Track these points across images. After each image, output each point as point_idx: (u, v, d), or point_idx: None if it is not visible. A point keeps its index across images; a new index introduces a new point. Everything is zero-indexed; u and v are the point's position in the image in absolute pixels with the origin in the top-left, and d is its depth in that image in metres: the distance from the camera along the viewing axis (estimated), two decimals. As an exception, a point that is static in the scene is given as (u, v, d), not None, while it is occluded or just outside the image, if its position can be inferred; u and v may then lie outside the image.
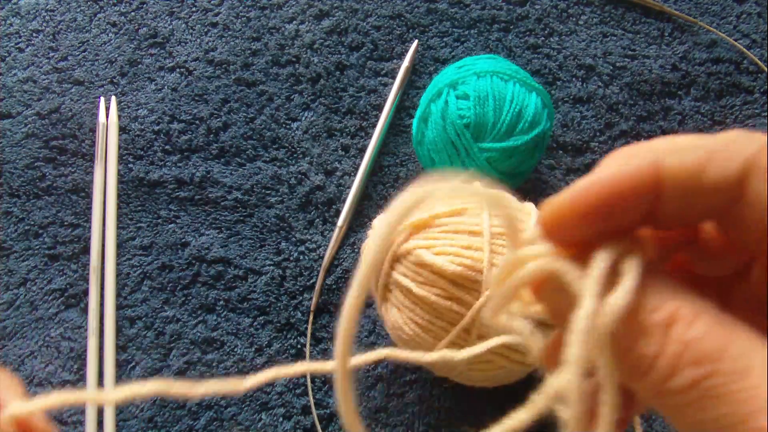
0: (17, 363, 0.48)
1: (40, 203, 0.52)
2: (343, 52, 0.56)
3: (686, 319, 0.16)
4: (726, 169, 0.17)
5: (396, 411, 0.46)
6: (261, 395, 0.47)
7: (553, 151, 0.52)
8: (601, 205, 0.17)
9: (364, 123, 0.53)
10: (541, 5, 0.56)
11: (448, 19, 0.56)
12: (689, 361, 0.15)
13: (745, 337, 0.16)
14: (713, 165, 0.17)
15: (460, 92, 0.44)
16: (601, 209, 0.17)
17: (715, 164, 0.17)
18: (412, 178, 0.51)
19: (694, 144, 0.17)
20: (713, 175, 0.17)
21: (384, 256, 0.19)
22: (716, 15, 0.56)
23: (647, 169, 0.17)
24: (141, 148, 0.53)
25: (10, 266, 0.51)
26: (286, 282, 0.49)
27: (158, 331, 0.48)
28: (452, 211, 0.38)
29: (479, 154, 0.43)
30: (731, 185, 0.17)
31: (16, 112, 0.55)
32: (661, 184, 0.17)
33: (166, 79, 0.55)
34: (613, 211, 0.17)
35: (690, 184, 0.17)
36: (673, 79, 0.54)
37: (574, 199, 0.18)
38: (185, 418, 0.46)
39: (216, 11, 0.57)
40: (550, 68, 0.54)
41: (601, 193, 0.17)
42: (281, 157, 0.53)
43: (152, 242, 0.51)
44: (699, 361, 0.15)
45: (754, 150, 0.17)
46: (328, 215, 0.51)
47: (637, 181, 0.17)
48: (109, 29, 0.57)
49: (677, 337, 0.16)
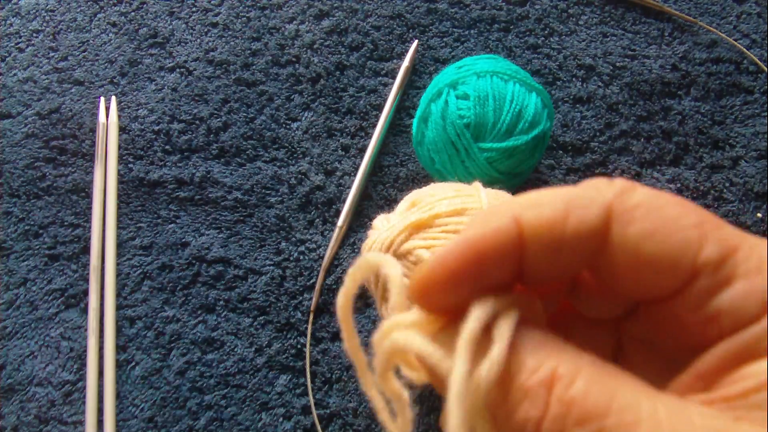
0: (17, 363, 0.48)
1: (40, 203, 0.52)
2: (343, 52, 0.56)
3: (566, 377, 0.15)
4: (585, 218, 0.16)
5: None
6: (261, 395, 0.47)
7: (553, 151, 0.52)
8: (463, 268, 0.17)
9: (364, 123, 0.53)
10: (541, 5, 0.56)
11: (448, 19, 0.56)
12: (574, 422, 0.15)
13: (630, 388, 0.15)
14: (573, 216, 0.16)
15: (460, 92, 0.44)
16: (465, 273, 0.17)
17: (574, 215, 0.16)
18: (412, 178, 0.52)
19: (553, 196, 0.17)
20: (573, 226, 0.16)
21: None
22: (716, 15, 0.56)
23: (507, 227, 0.17)
24: (141, 148, 0.53)
25: (10, 266, 0.51)
26: (286, 282, 0.49)
27: (158, 331, 0.48)
28: (452, 211, 0.37)
29: (479, 154, 0.43)
30: (593, 234, 0.16)
31: (16, 112, 0.55)
32: (524, 241, 0.17)
33: (166, 79, 0.55)
34: (477, 274, 0.17)
35: (552, 237, 0.16)
36: (673, 79, 0.54)
37: (437, 265, 0.17)
38: (185, 418, 0.46)
39: (216, 11, 0.57)
40: (550, 68, 0.54)
41: (463, 256, 0.17)
42: (281, 157, 0.53)
43: (152, 242, 0.51)
44: (584, 420, 0.15)
45: (612, 195, 0.16)
46: (328, 215, 0.51)
47: (498, 240, 0.17)
48: (109, 29, 0.57)
49: (559, 398, 0.15)
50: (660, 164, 0.52)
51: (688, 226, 0.16)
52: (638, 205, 0.16)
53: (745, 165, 0.51)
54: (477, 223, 0.17)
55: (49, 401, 0.47)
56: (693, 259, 0.16)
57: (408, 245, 0.37)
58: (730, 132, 0.52)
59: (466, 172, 0.44)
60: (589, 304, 0.20)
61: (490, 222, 0.17)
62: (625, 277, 0.17)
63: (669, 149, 0.52)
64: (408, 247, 0.37)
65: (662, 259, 0.16)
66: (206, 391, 0.47)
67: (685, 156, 0.52)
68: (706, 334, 0.16)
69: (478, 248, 0.17)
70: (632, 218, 0.16)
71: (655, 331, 0.19)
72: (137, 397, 0.47)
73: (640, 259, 0.16)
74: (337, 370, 0.47)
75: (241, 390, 0.47)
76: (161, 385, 0.47)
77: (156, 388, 0.47)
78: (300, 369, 0.47)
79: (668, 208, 0.16)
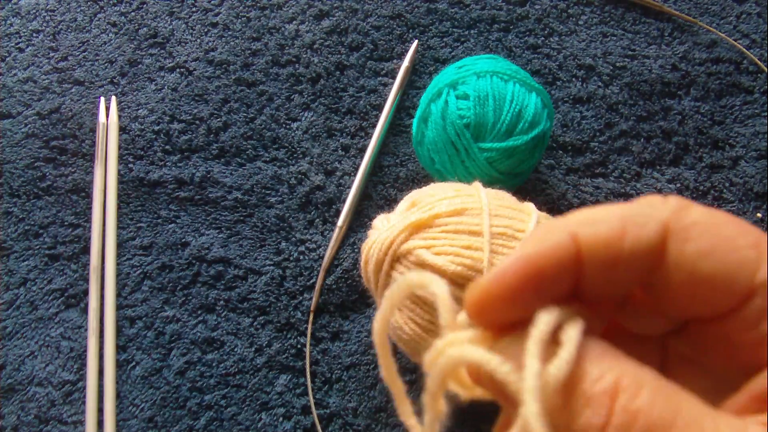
0: (17, 363, 0.48)
1: (40, 203, 0.52)
2: (343, 52, 0.56)
3: (631, 388, 0.16)
4: (642, 236, 0.16)
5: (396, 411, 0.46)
6: (261, 395, 0.47)
7: (553, 151, 0.52)
8: (522, 284, 0.17)
9: (364, 123, 0.53)
10: (541, 5, 0.56)
11: (448, 19, 0.56)
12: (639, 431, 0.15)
13: (693, 404, 0.15)
14: (630, 233, 0.16)
15: (460, 92, 0.44)
16: (523, 289, 0.17)
17: (631, 232, 0.16)
18: (412, 178, 0.52)
19: (609, 214, 0.17)
20: (630, 243, 0.16)
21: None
22: (716, 15, 0.56)
23: (565, 244, 0.17)
24: (141, 148, 0.53)
25: (10, 266, 0.51)
26: (286, 282, 0.49)
27: (158, 331, 0.48)
28: (452, 211, 0.37)
29: (479, 154, 0.43)
30: (650, 252, 0.16)
31: (16, 112, 0.55)
32: (581, 257, 0.17)
33: (166, 79, 0.55)
34: (535, 290, 0.17)
35: (609, 254, 0.17)
36: (673, 79, 0.54)
37: (495, 281, 0.17)
38: (185, 418, 0.46)
39: (216, 11, 0.57)
40: (550, 68, 0.54)
41: (522, 272, 0.17)
42: (281, 157, 0.53)
43: (152, 242, 0.51)
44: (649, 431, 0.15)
45: (668, 213, 0.16)
46: (328, 215, 0.51)
47: (556, 257, 0.17)
48: (109, 29, 0.57)
49: (624, 407, 0.15)
50: (660, 164, 0.52)
51: (746, 245, 0.16)
52: (695, 223, 0.16)
53: (745, 165, 0.51)
54: (534, 239, 0.17)
55: (49, 401, 0.47)
56: (750, 278, 0.16)
57: (408, 245, 0.37)
58: (730, 132, 0.52)
59: (466, 172, 0.44)
60: (638, 320, 0.20)
61: (548, 238, 0.17)
62: (679, 294, 0.17)
63: (669, 149, 0.52)
64: (408, 247, 0.37)
65: (719, 277, 0.16)
66: (206, 391, 0.47)
67: (685, 156, 0.52)
68: (759, 355, 0.16)
69: (537, 264, 0.17)
70: (689, 236, 0.16)
71: (704, 349, 0.19)
72: (137, 397, 0.47)
73: (696, 276, 0.16)
74: (337, 370, 0.47)
75: (241, 390, 0.47)
76: (161, 385, 0.47)
77: (156, 388, 0.47)
78: (300, 369, 0.47)
79: (725, 226, 0.16)
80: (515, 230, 0.37)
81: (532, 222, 0.37)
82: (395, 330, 0.39)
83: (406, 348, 0.40)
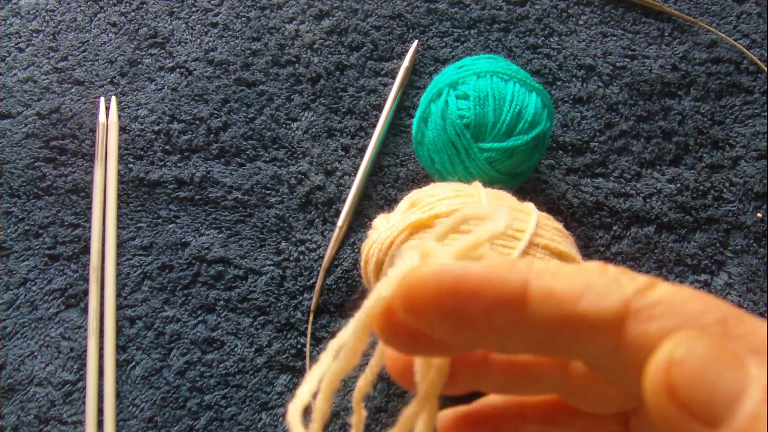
0: (17, 363, 0.48)
1: (40, 203, 0.52)
2: (343, 52, 0.56)
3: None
4: (600, 305, 0.15)
5: (396, 411, 0.46)
6: (261, 395, 0.47)
7: (553, 151, 0.52)
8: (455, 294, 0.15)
9: (364, 123, 0.53)
10: (541, 5, 0.56)
11: (448, 19, 0.56)
12: None
13: None
14: (587, 298, 0.15)
15: (460, 92, 0.44)
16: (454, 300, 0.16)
17: (589, 298, 0.15)
18: (412, 178, 0.52)
19: (571, 273, 0.16)
20: (585, 309, 0.15)
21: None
22: (716, 15, 0.56)
23: (515, 281, 0.16)
24: (141, 148, 0.53)
25: (10, 266, 0.51)
26: (286, 282, 0.49)
27: (158, 331, 0.48)
28: (452, 211, 0.37)
29: (479, 154, 0.43)
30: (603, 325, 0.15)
31: (16, 112, 0.55)
32: (526, 302, 0.16)
33: (166, 79, 0.55)
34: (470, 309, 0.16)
35: (557, 311, 0.15)
36: (673, 79, 0.54)
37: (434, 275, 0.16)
38: (185, 418, 0.46)
39: (216, 11, 0.57)
40: (550, 68, 0.54)
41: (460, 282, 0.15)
42: (281, 157, 0.53)
43: (152, 242, 0.51)
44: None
45: (632, 291, 0.15)
46: (328, 215, 0.51)
47: (500, 286, 0.15)
48: (109, 29, 0.57)
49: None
50: (660, 164, 0.52)
51: (712, 323, 0.15)
52: (659, 302, 0.15)
53: (745, 165, 0.51)
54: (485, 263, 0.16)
55: (49, 401, 0.47)
56: None
57: (408, 245, 0.37)
58: (730, 132, 0.52)
59: (466, 172, 0.44)
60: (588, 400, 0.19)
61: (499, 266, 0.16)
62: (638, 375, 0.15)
63: (669, 149, 0.52)
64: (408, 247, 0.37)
65: None
66: (206, 391, 0.47)
67: (685, 156, 0.52)
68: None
69: (477, 282, 0.16)
70: (652, 315, 0.15)
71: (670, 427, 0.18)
72: (137, 397, 0.47)
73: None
74: (337, 370, 0.47)
75: (241, 390, 0.47)
76: (161, 385, 0.47)
77: (156, 388, 0.47)
78: (300, 369, 0.47)
79: (690, 304, 0.15)
80: (515, 230, 0.37)
81: (532, 222, 0.37)
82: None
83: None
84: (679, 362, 0.14)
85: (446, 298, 0.16)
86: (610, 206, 0.50)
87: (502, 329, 0.16)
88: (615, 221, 0.50)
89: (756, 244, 0.49)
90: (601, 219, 0.50)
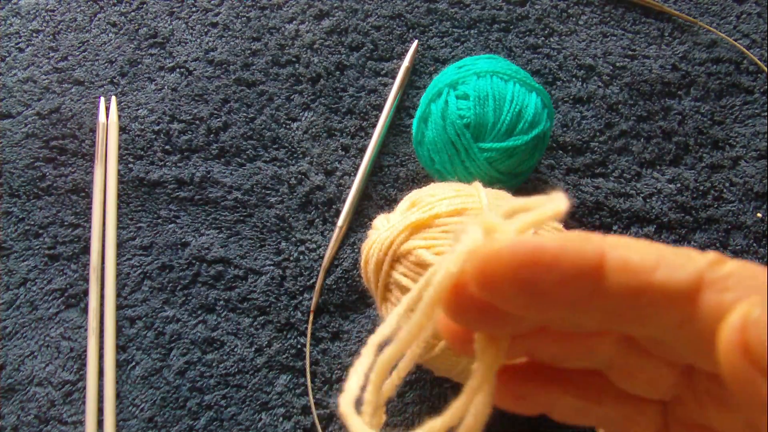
0: (17, 363, 0.48)
1: (40, 203, 0.52)
2: (343, 52, 0.56)
3: None
4: (675, 276, 0.15)
5: (396, 411, 0.46)
6: (261, 395, 0.47)
7: (553, 151, 0.52)
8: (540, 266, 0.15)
9: (364, 123, 0.53)
10: (541, 5, 0.56)
11: (448, 19, 0.56)
12: None
13: None
14: (662, 269, 0.16)
15: (460, 92, 0.44)
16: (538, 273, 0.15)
17: (664, 269, 0.16)
18: (412, 178, 0.52)
19: (644, 246, 0.16)
20: (661, 279, 0.15)
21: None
22: (716, 15, 0.56)
23: (593, 252, 0.16)
24: (141, 148, 0.53)
25: (10, 266, 0.51)
26: (286, 282, 0.49)
27: (158, 331, 0.48)
28: (452, 211, 0.37)
29: (479, 154, 0.43)
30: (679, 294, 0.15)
31: (16, 112, 0.55)
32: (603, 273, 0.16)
33: (166, 79, 0.55)
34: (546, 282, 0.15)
35: (635, 281, 0.16)
36: (673, 79, 0.54)
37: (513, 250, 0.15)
38: (185, 418, 0.46)
39: (216, 11, 0.57)
40: (550, 68, 0.54)
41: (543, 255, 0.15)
42: (281, 157, 0.53)
43: (152, 242, 0.51)
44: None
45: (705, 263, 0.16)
46: (328, 215, 0.51)
47: (577, 258, 0.15)
48: (109, 29, 0.57)
49: None
50: (660, 164, 0.52)
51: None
52: (731, 275, 0.16)
53: (745, 165, 0.51)
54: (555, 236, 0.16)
55: (49, 401, 0.47)
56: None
57: (408, 245, 0.37)
58: (730, 132, 0.52)
59: (466, 172, 0.44)
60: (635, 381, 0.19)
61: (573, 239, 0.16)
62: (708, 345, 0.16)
63: (669, 149, 0.52)
64: (408, 247, 0.37)
65: None
66: (206, 391, 0.47)
67: (685, 156, 0.52)
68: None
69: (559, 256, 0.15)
70: (726, 287, 0.15)
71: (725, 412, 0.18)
72: (137, 397, 0.47)
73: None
74: (337, 370, 0.47)
75: (241, 390, 0.47)
76: (161, 385, 0.47)
77: (156, 388, 0.47)
78: (300, 369, 0.47)
79: (760, 276, 0.16)
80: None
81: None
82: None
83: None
84: (755, 322, 0.14)
85: (523, 271, 0.15)
86: (610, 206, 0.50)
87: (577, 302, 0.16)
88: (615, 221, 0.50)
89: (756, 244, 0.49)
90: (601, 219, 0.50)
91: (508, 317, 0.17)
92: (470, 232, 0.17)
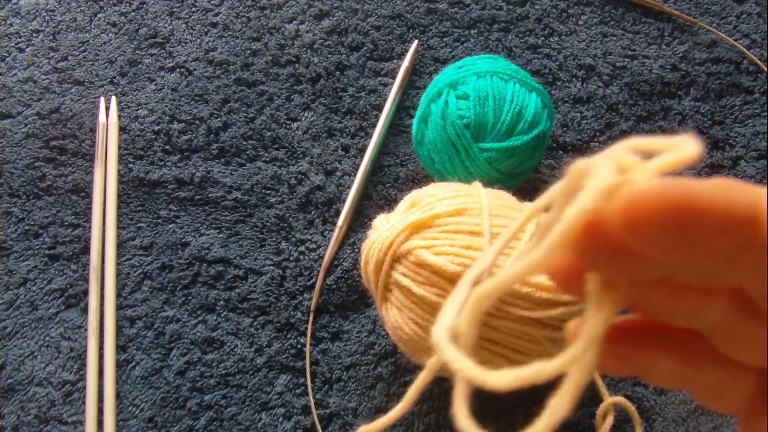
0: (17, 363, 0.48)
1: (40, 203, 0.52)
2: (343, 52, 0.56)
3: None
4: None
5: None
6: (261, 395, 0.47)
7: (553, 151, 0.52)
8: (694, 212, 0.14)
9: (364, 123, 0.53)
10: (541, 5, 0.56)
11: (448, 19, 0.56)
12: None
13: None
14: None
15: (460, 92, 0.44)
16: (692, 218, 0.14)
17: None
18: (412, 178, 0.52)
19: None
20: None
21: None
22: (716, 15, 0.56)
23: (750, 201, 0.14)
24: (141, 148, 0.53)
25: (10, 266, 0.51)
26: (286, 282, 0.49)
27: (158, 331, 0.48)
28: (452, 211, 0.37)
29: (479, 154, 0.43)
30: None
31: (16, 112, 0.55)
32: (759, 222, 0.14)
33: (166, 79, 0.55)
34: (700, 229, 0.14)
35: None
36: (673, 79, 0.54)
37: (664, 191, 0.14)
38: (185, 418, 0.46)
39: (216, 11, 0.57)
40: (550, 68, 0.54)
41: (697, 201, 0.14)
42: (281, 157, 0.53)
43: (152, 242, 0.51)
44: None
45: None
46: (328, 215, 0.51)
47: (738, 206, 0.14)
48: (109, 29, 0.57)
49: None
50: (660, 164, 0.52)
51: None
52: None
53: (745, 165, 0.51)
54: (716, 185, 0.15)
55: (49, 401, 0.47)
56: None
57: (408, 245, 0.37)
58: (730, 132, 0.52)
59: (466, 172, 0.44)
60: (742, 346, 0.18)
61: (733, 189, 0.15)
62: None
63: (669, 149, 0.52)
64: (408, 247, 0.37)
65: None
66: (206, 391, 0.47)
67: (685, 156, 0.52)
68: None
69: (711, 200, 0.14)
70: None
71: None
72: (137, 397, 0.47)
73: None
74: (337, 370, 0.47)
75: (241, 390, 0.47)
76: (161, 385, 0.47)
77: (156, 388, 0.47)
78: (300, 369, 0.47)
79: None
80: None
81: (533, 222, 0.37)
82: (395, 330, 0.39)
83: (405, 348, 0.40)
84: None
85: (675, 215, 0.14)
86: (610, 206, 0.50)
87: (727, 251, 0.15)
88: (615, 221, 0.50)
89: (756, 244, 0.49)
90: (601, 219, 0.50)
91: (640, 261, 0.16)
92: (601, 168, 0.15)
